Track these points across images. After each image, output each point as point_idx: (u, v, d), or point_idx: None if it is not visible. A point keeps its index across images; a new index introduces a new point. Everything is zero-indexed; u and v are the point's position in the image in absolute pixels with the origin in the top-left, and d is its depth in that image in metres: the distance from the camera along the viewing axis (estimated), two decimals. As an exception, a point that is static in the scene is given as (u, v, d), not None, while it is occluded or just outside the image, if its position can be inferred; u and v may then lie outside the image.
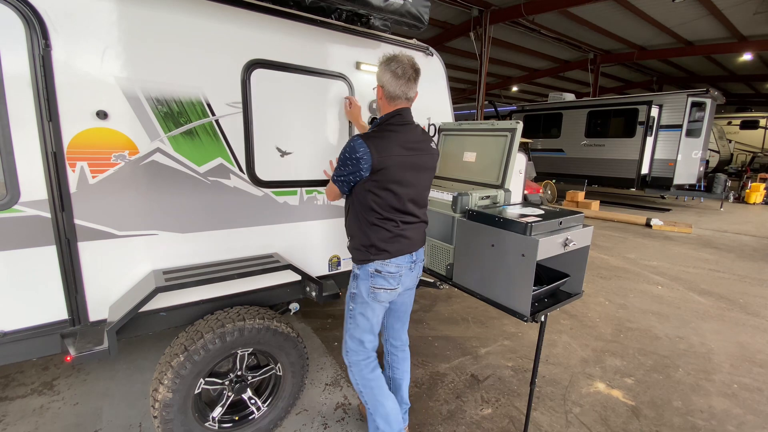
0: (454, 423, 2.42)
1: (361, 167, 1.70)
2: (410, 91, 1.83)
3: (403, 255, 1.86)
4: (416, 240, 1.91)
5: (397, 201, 1.79)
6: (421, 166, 1.83)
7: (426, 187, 1.92)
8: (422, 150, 1.84)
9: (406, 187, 1.79)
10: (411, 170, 1.79)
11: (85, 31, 1.67)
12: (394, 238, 1.82)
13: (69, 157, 1.70)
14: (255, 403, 2.20)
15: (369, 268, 1.86)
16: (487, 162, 2.65)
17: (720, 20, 10.66)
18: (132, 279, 1.97)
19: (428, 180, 1.92)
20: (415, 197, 1.85)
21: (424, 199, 1.94)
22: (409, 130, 1.83)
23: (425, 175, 1.88)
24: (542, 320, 1.94)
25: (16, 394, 2.53)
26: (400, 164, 1.75)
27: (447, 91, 3.07)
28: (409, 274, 1.93)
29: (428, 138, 1.92)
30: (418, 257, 1.97)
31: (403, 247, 1.85)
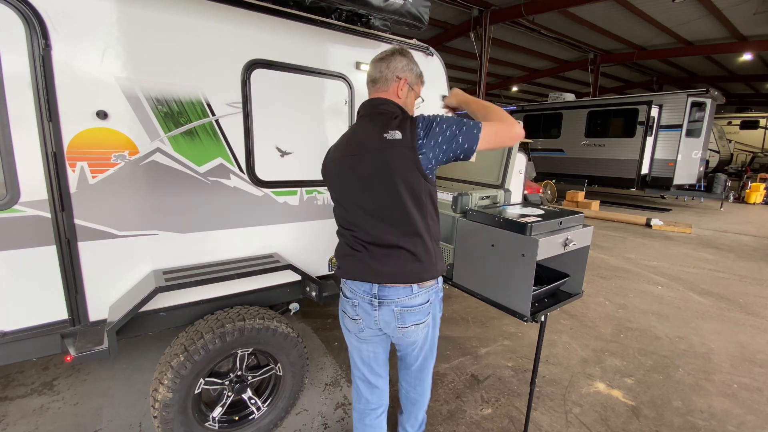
0: (454, 423, 2.42)
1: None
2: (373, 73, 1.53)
3: (356, 280, 1.51)
4: (380, 270, 1.45)
5: (344, 213, 1.51)
6: (359, 172, 1.42)
7: (383, 200, 1.39)
8: (360, 151, 1.42)
9: (343, 198, 1.50)
10: (346, 177, 1.47)
11: (85, 31, 1.67)
12: (346, 256, 1.53)
13: (69, 157, 1.70)
14: (255, 403, 2.20)
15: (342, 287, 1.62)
16: (487, 162, 2.65)
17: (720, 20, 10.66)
18: (132, 279, 1.97)
19: (382, 190, 1.38)
20: (367, 210, 1.43)
21: (390, 215, 1.40)
22: (362, 125, 1.50)
23: (369, 182, 1.40)
24: (542, 320, 1.94)
25: (16, 394, 2.53)
26: (335, 170, 1.51)
27: (447, 91, 3.07)
28: (370, 312, 1.51)
29: (376, 133, 1.40)
30: (388, 297, 1.46)
31: (356, 270, 1.49)
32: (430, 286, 1.52)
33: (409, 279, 1.45)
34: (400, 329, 1.51)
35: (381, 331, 1.58)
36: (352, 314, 1.57)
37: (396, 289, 1.46)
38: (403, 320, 1.50)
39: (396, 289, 1.46)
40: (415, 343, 1.63)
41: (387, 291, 1.47)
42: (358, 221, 1.46)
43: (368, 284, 1.49)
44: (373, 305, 1.50)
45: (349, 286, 1.56)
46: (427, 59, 2.90)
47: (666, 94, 9.96)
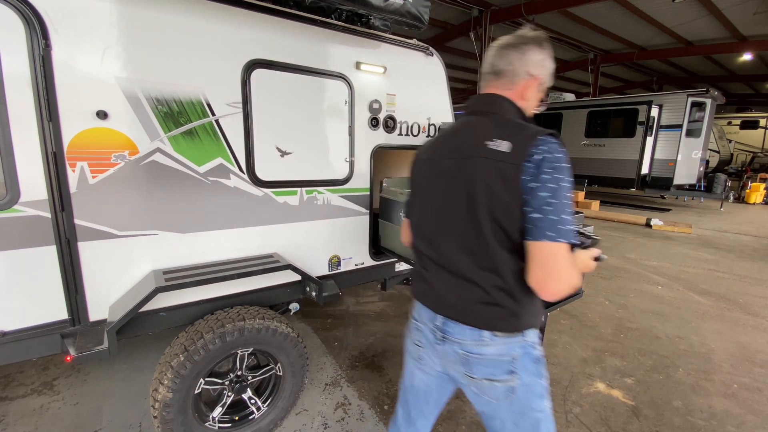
0: (454, 423, 2.42)
1: None
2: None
3: (423, 306, 1.31)
4: (444, 299, 1.21)
5: (420, 223, 1.31)
6: (445, 179, 1.20)
7: (461, 222, 1.14)
8: (453, 156, 1.19)
9: (422, 206, 1.29)
10: (431, 182, 1.25)
11: (85, 31, 1.67)
12: (415, 273, 1.37)
13: (69, 157, 1.70)
14: (255, 403, 2.20)
15: None
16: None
17: (720, 20, 10.66)
18: (132, 279, 1.97)
19: (462, 209, 1.13)
20: (444, 229, 1.21)
21: (466, 241, 1.14)
22: (469, 124, 1.23)
23: (451, 196, 1.17)
24: (542, 320, 1.94)
25: (16, 394, 2.53)
26: (422, 171, 1.31)
27: (447, 91, 3.07)
28: (433, 344, 1.27)
29: (479, 138, 1.13)
30: (452, 334, 1.20)
31: (420, 292, 1.31)
32: (511, 338, 1.15)
33: (477, 322, 1.16)
34: (469, 378, 1.21)
35: (444, 371, 1.31)
36: (415, 337, 1.36)
37: (461, 329, 1.18)
38: (470, 368, 1.19)
39: (462, 328, 1.18)
40: (495, 411, 1.22)
41: (451, 327, 1.21)
42: (432, 237, 1.24)
43: (431, 312, 1.26)
44: (436, 337, 1.26)
45: (417, 310, 1.36)
46: (427, 59, 2.90)
47: (666, 94, 9.96)
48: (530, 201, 1.04)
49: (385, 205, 2.88)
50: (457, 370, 1.24)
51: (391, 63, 2.68)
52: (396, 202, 2.74)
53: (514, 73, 1.18)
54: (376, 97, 2.65)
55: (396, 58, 2.71)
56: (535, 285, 1.06)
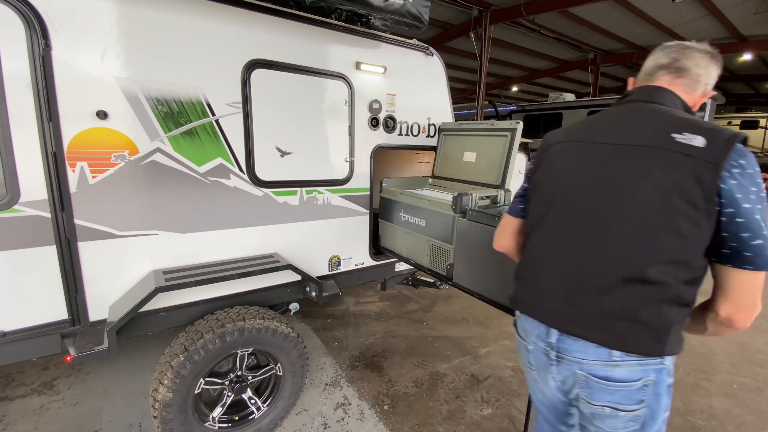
0: (454, 423, 2.42)
1: None
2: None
3: (529, 316, 1.16)
4: (562, 309, 1.06)
5: (544, 216, 1.15)
6: (604, 168, 1.03)
7: (628, 220, 0.97)
8: (621, 142, 1.02)
9: (553, 194, 1.13)
10: (576, 167, 1.09)
11: (85, 31, 1.67)
12: (523, 279, 1.20)
13: (69, 157, 1.70)
14: (255, 403, 2.20)
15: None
16: (487, 162, 2.65)
17: (720, 20, 10.65)
18: (132, 279, 1.97)
19: (632, 205, 0.96)
20: (590, 222, 1.04)
21: (628, 242, 0.97)
22: (633, 112, 1.07)
23: (614, 187, 1.00)
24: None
25: (16, 394, 2.53)
26: (559, 154, 1.15)
27: (447, 91, 3.07)
28: (546, 366, 1.14)
29: (658, 128, 0.98)
30: (570, 352, 1.06)
31: (530, 301, 1.15)
32: (648, 361, 0.99)
33: (606, 339, 0.98)
34: (588, 405, 1.06)
35: (565, 395, 1.16)
36: (524, 358, 1.23)
37: (584, 345, 1.02)
38: (591, 393, 1.05)
39: (583, 345, 1.02)
40: None
41: (570, 344, 1.05)
42: (571, 238, 1.05)
43: (543, 327, 1.11)
44: (549, 358, 1.11)
45: (522, 322, 1.19)
46: (427, 59, 2.90)
47: (666, 94, 9.94)
48: (729, 213, 0.88)
49: (385, 205, 2.88)
50: (576, 395, 1.10)
51: (391, 63, 2.68)
52: (396, 202, 2.74)
53: (698, 79, 1.07)
54: (376, 97, 2.65)
55: (396, 58, 2.71)
56: (726, 316, 0.94)
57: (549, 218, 1.12)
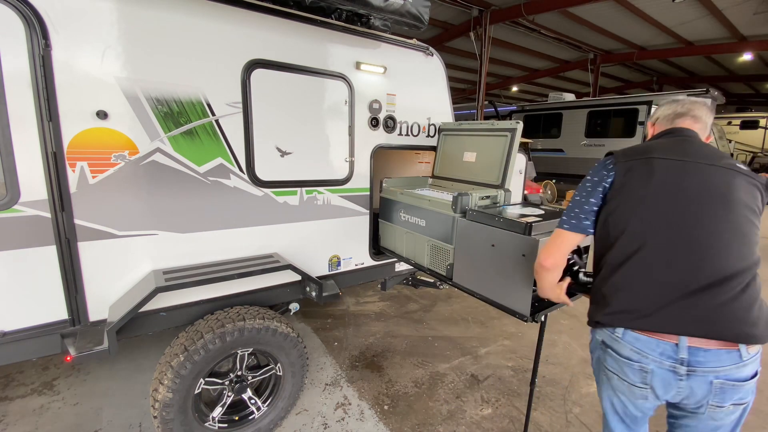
0: (454, 423, 2.42)
1: None
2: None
3: (653, 334, 1.14)
4: (699, 316, 1.09)
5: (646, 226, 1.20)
6: (699, 181, 1.19)
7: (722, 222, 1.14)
8: (702, 162, 1.21)
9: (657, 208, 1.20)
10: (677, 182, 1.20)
11: (85, 31, 1.67)
12: (631, 291, 1.19)
13: (69, 157, 1.70)
14: (255, 403, 2.20)
15: (597, 336, 1.30)
16: (487, 162, 2.65)
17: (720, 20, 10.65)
18: (132, 279, 1.97)
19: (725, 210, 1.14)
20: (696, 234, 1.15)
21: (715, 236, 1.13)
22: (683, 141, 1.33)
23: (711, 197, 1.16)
24: (542, 320, 1.94)
25: (16, 394, 2.53)
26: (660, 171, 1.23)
27: (447, 91, 3.07)
28: (671, 383, 1.15)
29: (712, 155, 1.23)
30: (705, 363, 1.10)
31: (656, 317, 1.13)
32: (758, 351, 1.13)
33: (739, 336, 1.07)
34: (713, 408, 1.15)
35: (677, 406, 1.23)
36: (632, 380, 1.20)
37: (716, 354, 1.09)
38: (722, 397, 1.13)
39: (716, 353, 1.09)
40: (718, 429, 1.24)
41: (702, 355, 1.09)
42: (681, 238, 1.13)
43: (671, 344, 1.11)
44: (677, 374, 1.12)
45: (630, 342, 1.16)
46: (427, 59, 2.90)
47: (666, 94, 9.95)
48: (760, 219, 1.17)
49: (385, 205, 2.88)
50: (698, 402, 1.16)
51: (391, 63, 2.68)
52: (396, 202, 2.74)
53: (707, 124, 1.40)
54: (376, 97, 2.65)
55: (396, 58, 2.71)
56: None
57: (661, 225, 1.17)
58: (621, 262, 1.20)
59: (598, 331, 1.29)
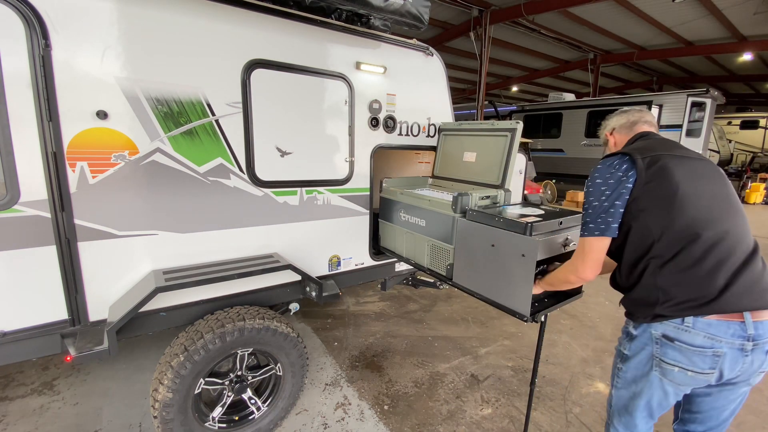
0: (454, 423, 2.42)
1: None
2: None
3: (729, 316, 1.20)
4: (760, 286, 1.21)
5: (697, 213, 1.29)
6: (708, 172, 1.36)
7: (736, 202, 1.33)
8: (694, 156, 1.38)
9: (699, 200, 1.30)
10: (699, 175, 1.33)
11: (85, 31, 1.67)
12: (703, 278, 1.23)
13: (69, 157, 1.70)
14: (255, 403, 2.20)
15: (653, 331, 1.30)
16: (487, 162, 2.65)
17: (720, 20, 10.65)
18: (132, 279, 1.97)
19: (722, 190, 1.33)
20: (730, 209, 1.31)
21: (736, 217, 1.30)
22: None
23: (722, 183, 1.35)
24: (542, 320, 1.94)
25: (16, 394, 2.53)
26: (681, 167, 1.32)
27: (447, 91, 3.07)
28: (737, 360, 1.22)
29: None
30: (765, 334, 1.20)
31: (732, 297, 1.19)
32: None
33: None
34: (757, 376, 1.28)
35: (724, 382, 1.29)
36: (700, 368, 1.23)
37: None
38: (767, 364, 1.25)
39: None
40: (746, 392, 1.35)
41: (762, 327, 1.19)
42: (713, 219, 1.22)
43: (739, 323, 1.18)
44: (744, 351, 1.19)
45: (703, 329, 1.20)
46: (427, 59, 2.90)
47: (666, 94, 9.95)
48: None
49: (385, 205, 2.88)
50: (749, 374, 1.25)
51: (391, 63, 2.68)
52: (396, 202, 2.74)
53: (657, 129, 1.61)
54: (376, 97, 2.65)
55: (396, 58, 2.71)
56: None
57: (703, 214, 1.25)
58: (674, 254, 1.23)
59: (657, 325, 1.28)
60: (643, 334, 1.34)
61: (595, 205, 1.34)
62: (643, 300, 1.30)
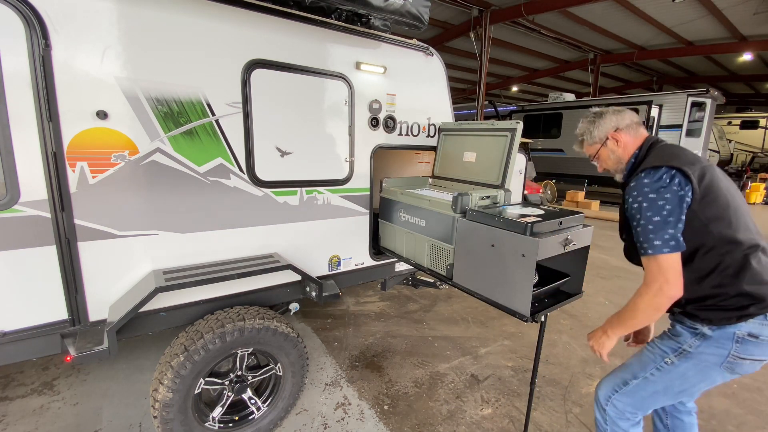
0: (454, 423, 2.42)
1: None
2: None
3: None
4: None
5: (740, 223, 1.42)
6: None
7: None
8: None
9: (739, 208, 1.44)
10: (729, 183, 1.48)
11: (85, 31, 1.67)
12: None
13: (69, 157, 1.70)
14: (255, 403, 2.20)
15: (737, 331, 1.36)
16: (487, 162, 2.65)
17: (720, 20, 10.65)
18: (132, 279, 1.97)
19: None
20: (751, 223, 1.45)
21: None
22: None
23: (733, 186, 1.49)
24: (542, 320, 1.94)
25: (16, 394, 2.53)
26: (721, 178, 1.44)
27: (447, 91, 3.07)
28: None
29: None
30: None
31: None
32: None
33: None
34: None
35: None
36: (767, 355, 1.37)
37: None
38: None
39: None
40: None
41: None
42: (745, 221, 1.38)
43: None
44: None
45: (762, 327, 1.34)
46: (427, 59, 2.90)
47: (666, 94, 9.96)
48: None
49: (385, 205, 2.88)
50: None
51: (391, 63, 2.68)
52: (396, 202, 2.74)
53: None
54: (376, 97, 2.65)
55: (396, 58, 2.71)
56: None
57: (749, 224, 1.39)
58: (744, 262, 1.34)
59: (742, 325, 1.34)
60: (723, 335, 1.37)
61: (657, 221, 1.32)
62: (730, 305, 1.35)
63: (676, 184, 1.33)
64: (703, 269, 1.37)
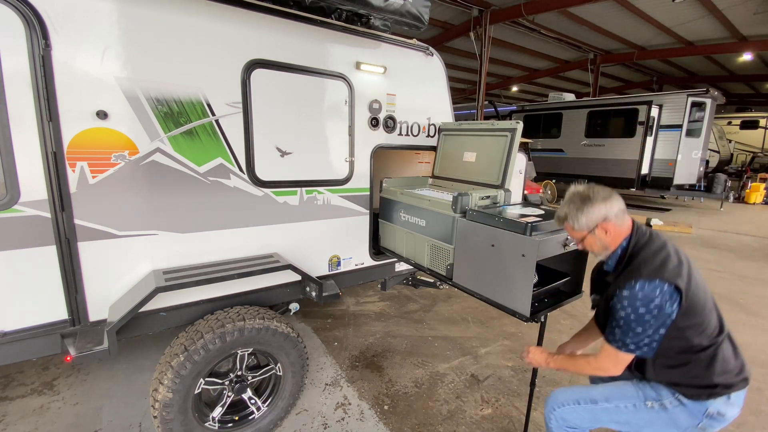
0: (454, 423, 2.42)
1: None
2: None
3: (742, 392, 1.49)
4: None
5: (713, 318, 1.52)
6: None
7: None
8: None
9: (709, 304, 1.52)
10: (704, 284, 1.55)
11: (85, 31, 1.67)
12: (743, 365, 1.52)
13: (69, 157, 1.70)
14: (255, 403, 2.20)
15: (709, 408, 1.46)
16: (487, 162, 2.65)
17: (720, 20, 10.65)
18: (132, 279, 1.97)
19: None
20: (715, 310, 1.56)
21: None
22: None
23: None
24: (542, 320, 1.94)
25: (16, 394, 2.53)
26: (699, 281, 1.50)
27: (447, 91, 3.07)
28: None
29: None
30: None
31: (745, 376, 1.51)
32: None
33: None
34: None
35: None
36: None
37: None
38: None
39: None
40: None
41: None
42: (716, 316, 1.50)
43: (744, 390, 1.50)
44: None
45: (740, 399, 1.49)
46: (427, 59, 2.90)
47: (666, 94, 9.95)
48: None
49: (385, 205, 2.88)
50: None
51: (391, 63, 2.68)
52: (396, 202, 2.74)
53: None
54: (376, 97, 2.65)
55: (396, 58, 2.71)
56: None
57: (711, 315, 1.48)
58: (715, 351, 1.45)
59: (712, 402, 1.45)
60: (696, 408, 1.47)
61: (638, 332, 1.40)
62: (699, 383, 1.46)
63: (668, 303, 1.37)
64: (676, 362, 1.48)
